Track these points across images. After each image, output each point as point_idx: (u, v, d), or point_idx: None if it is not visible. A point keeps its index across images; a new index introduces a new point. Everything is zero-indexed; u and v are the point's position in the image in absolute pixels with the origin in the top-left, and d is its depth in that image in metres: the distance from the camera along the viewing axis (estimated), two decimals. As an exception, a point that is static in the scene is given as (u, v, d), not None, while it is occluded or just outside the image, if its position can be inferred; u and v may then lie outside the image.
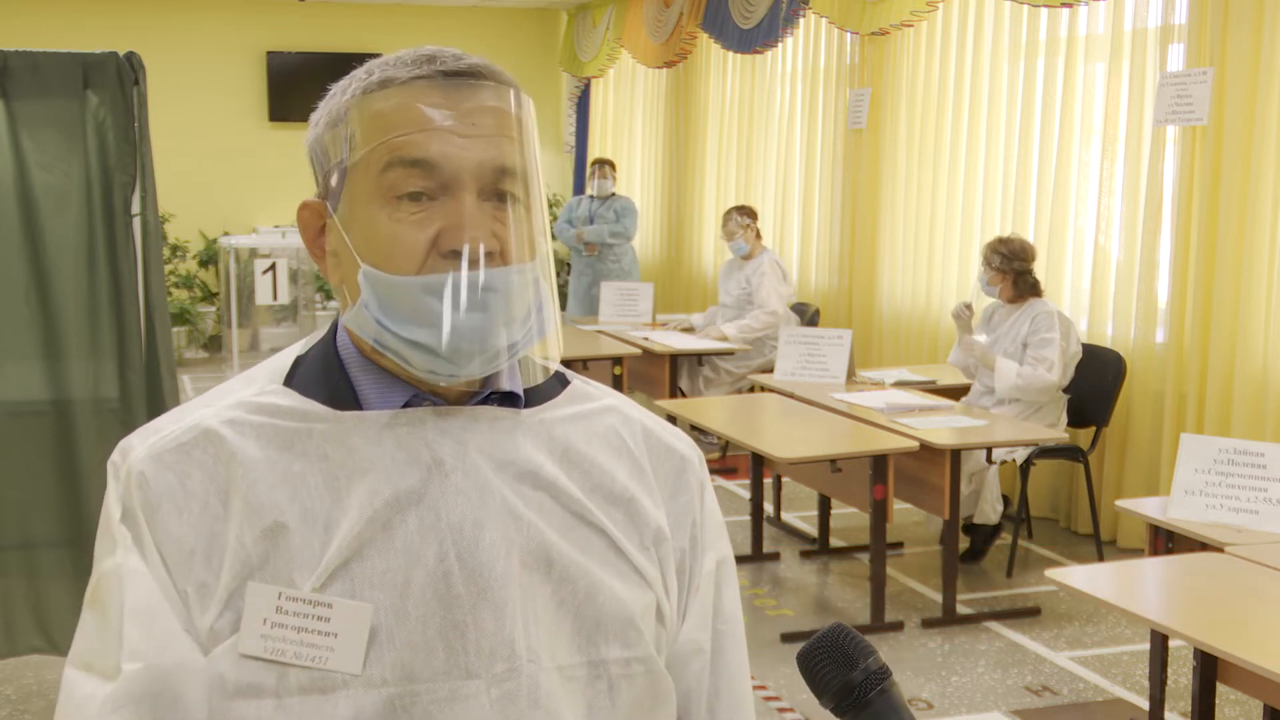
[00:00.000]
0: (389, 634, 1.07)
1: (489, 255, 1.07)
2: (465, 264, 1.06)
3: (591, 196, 9.15)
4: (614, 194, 9.15)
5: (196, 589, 1.07)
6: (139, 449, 1.11)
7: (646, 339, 7.46)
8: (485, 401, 1.15)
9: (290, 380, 1.15)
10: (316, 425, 1.11)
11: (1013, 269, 5.60)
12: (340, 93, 1.13)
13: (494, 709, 1.08)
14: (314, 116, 1.16)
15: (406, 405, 1.13)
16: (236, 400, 1.13)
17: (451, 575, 1.08)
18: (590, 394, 1.23)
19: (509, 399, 1.16)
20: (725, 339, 7.39)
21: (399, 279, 1.07)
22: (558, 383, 1.21)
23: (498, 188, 1.09)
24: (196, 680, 1.06)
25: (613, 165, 9.26)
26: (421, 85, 1.09)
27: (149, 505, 1.09)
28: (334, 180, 1.12)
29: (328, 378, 1.14)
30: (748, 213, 7.55)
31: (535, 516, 1.13)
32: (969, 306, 5.85)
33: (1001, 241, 5.68)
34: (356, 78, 1.13)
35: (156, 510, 1.09)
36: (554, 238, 9.33)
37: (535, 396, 1.18)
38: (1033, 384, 5.46)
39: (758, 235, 7.59)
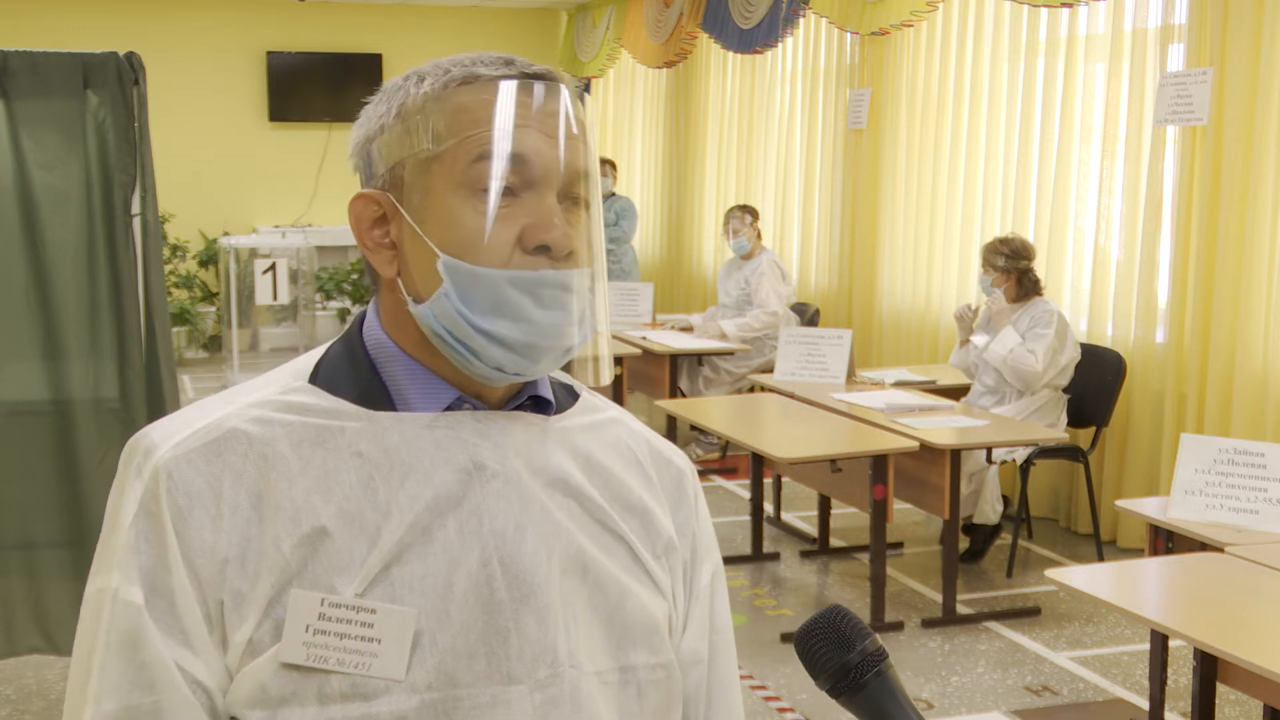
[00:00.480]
0: (431, 639, 1.06)
1: (568, 256, 1.09)
2: (551, 262, 1.07)
3: None
4: (614, 194, 9.17)
5: (233, 598, 1.05)
6: (163, 447, 1.08)
7: (645, 338, 7.47)
8: (520, 407, 1.15)
9: (314, 379, 1.13)
10: (349, 423, 1.10)
11: (1016, 268, 5.61)
12: (411, 87, 1.12)
13: (536, 714, 1.08)
14: (368, 112, 1.14)
15: (448, 408, 1.12)
16: (261, 398, 1.11)
17: (494, 580, 1.08)
18: (597, 406, 1.23)
19: (539, 405, 1.17)
20: (724, 337, 7.38)
21: (486, 271, 1.07)
22: (569, 394, 1.22)
23: (572, 191, 1.10)
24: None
25: (613, 165, 9.28)
26: (508, 84, 1.10)
27: (177, 510, 1.06)
28: (406, 172, 1.11)
29: (357, 376, 1.13)
30: (750, 211, 7.56)
31: (569, 523, 1.13)
32: (972, 309, 5.85)
33: (1003, 242, 5.68)
34: (429, 75, 1.12)
35: (187, 517, 1.06)
36: None
37: (555, 406, 1.18)
38: (1018, 364, 5.47)
39: (758, 235, 7.59)
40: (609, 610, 1.14)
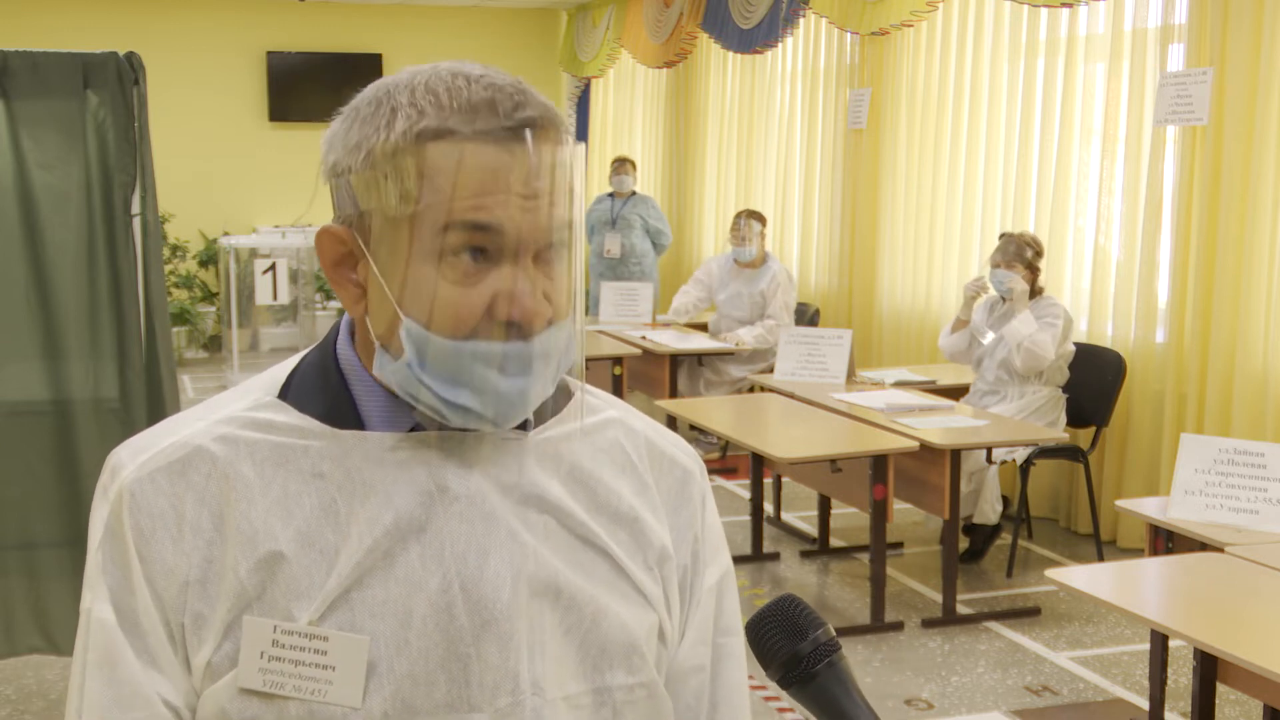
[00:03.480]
0: (389, 665, 1.05)
1: (540, 319, 1.04)
2: (519, 332, 1.04)
3: (611, 195, 9.13)
4: (634, 192, 9.13)
5: (193, 621, 1.05)
6: (129, 467, 1.08)
7: (645, 338, 7.46)
8: None
9: (285, 393, 1.12)
10: (312, 443, 1.08)
11: (1036, 263, 5.60)
12: (382, 127, 1.04)
13: None
14: (339, 133, 1.07)
15: (415, 426, 1.10)
16: (228, 414, 1.10)
17: (455, 606, 1.06)
18: (594, 405, 1.20)
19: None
20: (741, 343, 7.34)
21: (450, 343, 1.04)
22: (562, 395, 1.19)
23: (554, 240, 1.06)
24: None
25: (633, 163, 9.25)
26: (486, 143, 1.03)
27: (140, 531, 1.06)
28: (373, 222, 1.06)
29: (326, 391, 1.11)
30: (760, 219, 7.51)
31: (541, 542, 1.10)
32: (979, 280, 5.85)
33: (1021, 234, 5.66)
34: (401, 111, 1.04)
35: (150, 538, 1.06)
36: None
37: (541, 412, 1.14)
38: (1035, 349, 5.46)
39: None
40: (583, 632, 1.11)
